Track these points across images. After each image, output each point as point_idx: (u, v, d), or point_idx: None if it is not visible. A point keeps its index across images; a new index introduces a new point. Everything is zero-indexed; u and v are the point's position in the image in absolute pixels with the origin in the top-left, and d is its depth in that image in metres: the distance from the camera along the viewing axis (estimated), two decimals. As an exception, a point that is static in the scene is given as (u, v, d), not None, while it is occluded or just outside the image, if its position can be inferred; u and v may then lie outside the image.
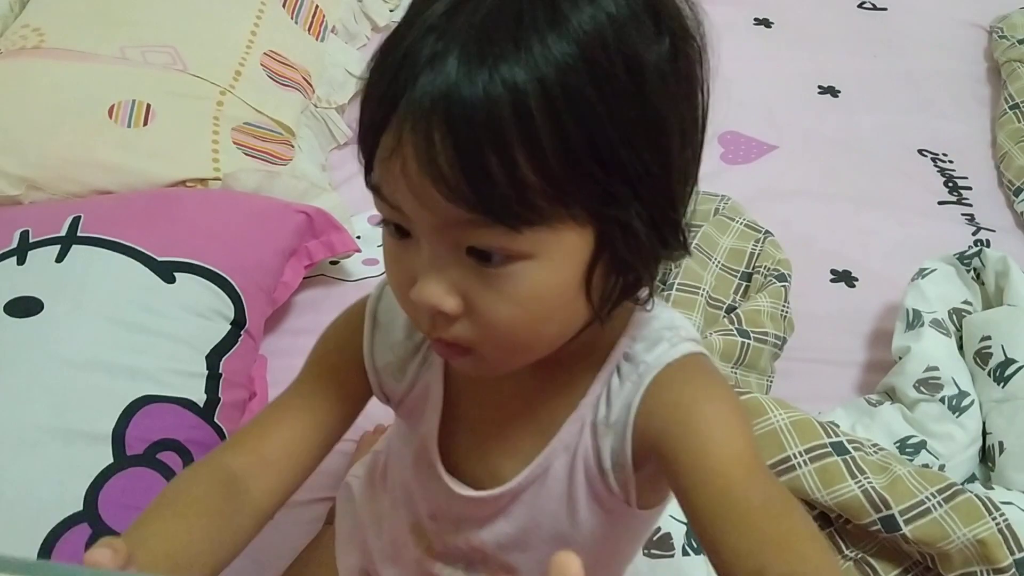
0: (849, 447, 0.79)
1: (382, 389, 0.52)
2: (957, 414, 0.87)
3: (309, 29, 1.22)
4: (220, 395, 0.78)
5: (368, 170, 0.40)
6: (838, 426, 0.83)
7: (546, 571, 0.27)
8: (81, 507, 0.67)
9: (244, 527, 0.46)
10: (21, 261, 0.80)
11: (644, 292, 0.43)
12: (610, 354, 0.45)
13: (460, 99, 0.35)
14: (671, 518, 0.75)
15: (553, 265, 0.38)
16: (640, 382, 0.44)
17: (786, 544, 0.38)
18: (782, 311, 0.97)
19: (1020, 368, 0.88)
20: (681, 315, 0.47)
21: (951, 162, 1.25)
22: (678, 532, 0.75)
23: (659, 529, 0.74)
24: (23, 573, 0.26)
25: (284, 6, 1.20)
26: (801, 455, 0.78)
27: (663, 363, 0.43)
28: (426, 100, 0.35)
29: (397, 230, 0.40)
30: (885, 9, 1.56)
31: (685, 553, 0.74)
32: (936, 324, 0.92)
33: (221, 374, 0.79)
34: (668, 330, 0.45)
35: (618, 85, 0.36)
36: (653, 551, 0.74)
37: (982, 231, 1.13)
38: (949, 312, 0.95)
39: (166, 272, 0.81)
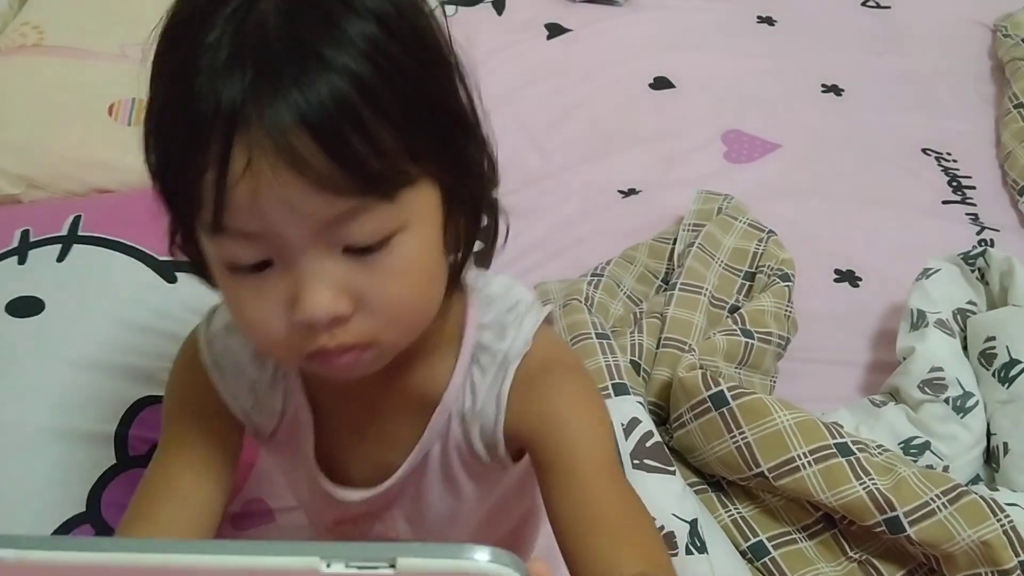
0: (853, 448, 0.79)
1: (255, 428, 0.52)
2: (961, 415, 0.87)
3: (310, 27, 1.22)
4: (222, 395, 0.77)
5: (184, 224, 0.40)
6: (842, 427, 0.83)
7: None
8: (84, 508, 0.67)
9: None
10: (22, 261, 0.79)
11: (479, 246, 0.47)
12: (462, 344, 0.48)
13: (310, 103, 0.37)
14: (674, 516, 0.75)
15: (422, 229, 0.41)
16: (504, 375, 0.47)
17: (638, 543, 0.43)
18: (786, 311, 0.97)
19: (1025, 369, 0.88)
20: (509, 278, 0.51)
21: (955, 161, 1.25)
22: (681, 531, 0.75)
23: (661, 528, 0.74)
24: (38, 548, 0.25)
25: (285, 3, 1.19)
26: (805, 456, 0.78)
27: (519, 353, 0.47)
28: (275, 118, 0.36)
29: (252, 268, 0.40)
30: (889, 7, 1.55)
31: (688, 552, 0.74)
32: (940, 324, 0.92)
33: (223, 374, 0.78)
34: (509, 312, 0.48)
35: (416, 45, 0.41)
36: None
37: (986, 231, 1.13)
38: (953, 312, 0.95)
39: (167, 271, 0.80)
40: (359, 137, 0.37)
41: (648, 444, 0.79)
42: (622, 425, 0.80)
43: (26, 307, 0.75)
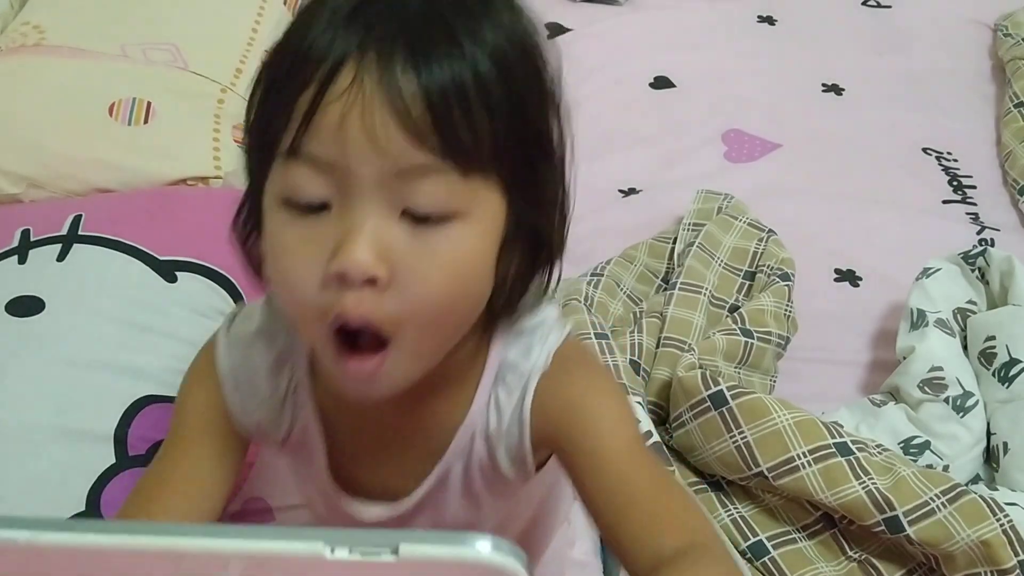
0: (853, 448, 0.79)
1: (263, 440, 0.52)
2: (961, 414, 0.87)
3: (311, 26, 1.22)
4: (222, 395, 0.77)
5: (264, 140, 0.41)
6: (842, 426, 0.83)
7: None
8: (83, 507, 0.67)
9: None
10: (22, 260, 0.79)
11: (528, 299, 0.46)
12: (486, 363, 0.47)
13: (431, 72, 0.38)
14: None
15: (480, 227, 0.41)
16: (527, 389, 0.47)
17: (676, 518, 0.43)
18: (785, 310, 0.97)
19: (1025, 368, 0.87)
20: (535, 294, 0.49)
21: (955, 160, 1.25)
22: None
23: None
24: (49, 530, 0.25)
25: (285, 3, 1.19)
26: (805, 455, 0.78)
27: (543, 366, 0.47)
28: (390, 37, 0.38)
29: (307, 209, 0.40)
30: (889, 7, 1.55)
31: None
32: (941, 324, 0.92)
33: (223, 374, 0.78)
34: (535, 330, 0.48)
35: (529, 66, 0.43)
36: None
37: (987, 230, 1.13)
38: (954, 312, 0.95)
39: (167, 271, 0.81)
40: (460, 110, 0.39)
41: (646, 444, 0.79)
42: (621, 425, 0.79)
43: (26, 306, 0.75)
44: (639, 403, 0.83)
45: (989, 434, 0.88)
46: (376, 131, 0.38)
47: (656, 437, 0.80)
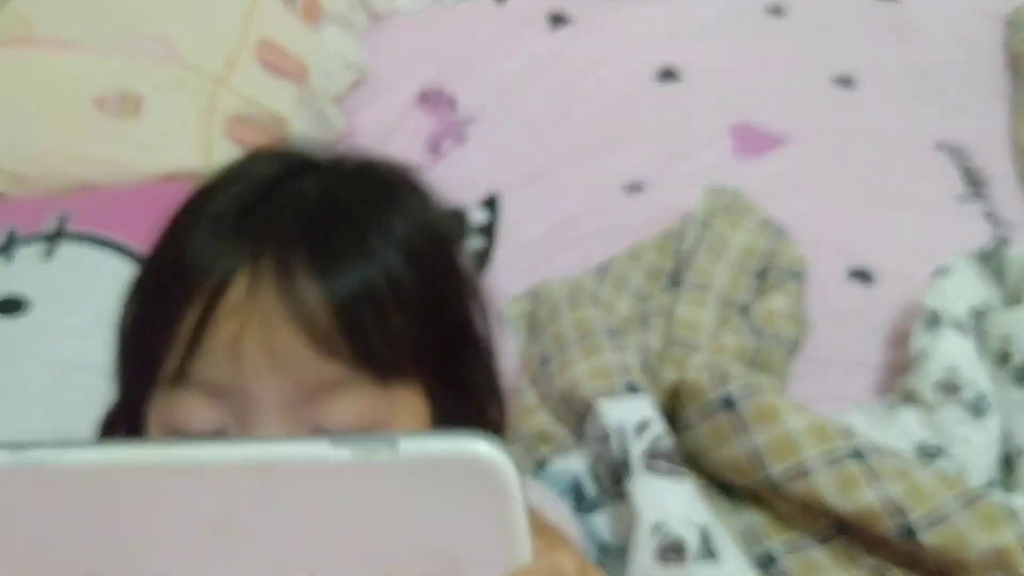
0: (866, 451, 0.77)
1: None
2: (977, 417, 0.85)
3: (305, 18, 1.21)
4: (213, 397, 0.76)
5: (142, 364, 0.37)
6: (854, 429, 0.81)
7: None
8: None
9: None
10: (8, 258, 0.78)
11: None
12: None
13: (340, 277, 0.36)
14: (685, 521, 0.73)
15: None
16: None
17: None
18: (797, 310, 0.95)
19: (1043, 370, 0.86)
20: None
21: (970, 157, 1.22)
22: (692, 536, 0.73)
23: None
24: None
25: (280, -6, 1.18)
26: (816, 459, 0.76)
27: None
28: (288, 240, 0.35)
29: None
30: (900, -2, 1.53)
31: (699, 557, 0.73)
32: (956, 324, 0.90)
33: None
34: None
35: (450, 258, 0.41)
36: (667, 555, 0.72)
37: (1002, 227, 1.11)
38: (969, 312, 0.93)
39: (158, 269, 0.79)
40: (373, 315, 0.36)
41: (660, 446, 0.77)
42: (633, 425, 0.78)
43: (13, 306, 0.74)
44: (651, 403, 0.82)
45: (1005, 437, 0.86)
46: (277, 347, 0.34)
47: (669, 439, 0.79)
